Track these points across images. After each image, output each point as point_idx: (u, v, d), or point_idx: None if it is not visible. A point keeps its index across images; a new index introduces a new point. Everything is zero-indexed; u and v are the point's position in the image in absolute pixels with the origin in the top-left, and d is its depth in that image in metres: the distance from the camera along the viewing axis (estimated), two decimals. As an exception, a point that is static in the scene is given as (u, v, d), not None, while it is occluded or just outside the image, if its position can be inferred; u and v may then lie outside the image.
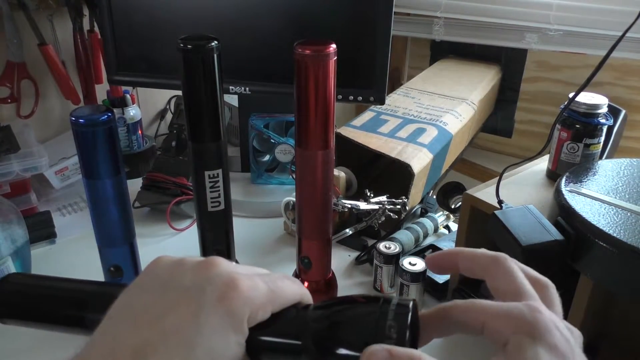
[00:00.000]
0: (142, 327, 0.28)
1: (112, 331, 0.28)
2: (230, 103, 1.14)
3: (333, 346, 0.30)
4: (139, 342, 0.27)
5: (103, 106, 0.60)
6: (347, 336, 0.29)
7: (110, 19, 0.87)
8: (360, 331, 0.29)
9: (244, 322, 0.29)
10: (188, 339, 0.27)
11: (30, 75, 0.99)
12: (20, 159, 0.86)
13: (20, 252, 0.73)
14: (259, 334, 0.30)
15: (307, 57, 0.56)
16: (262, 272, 0.32)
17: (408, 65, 1.41)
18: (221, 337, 0.28)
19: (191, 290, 0.29)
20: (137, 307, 0.29)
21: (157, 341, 0.27)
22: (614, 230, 0.52)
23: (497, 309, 0.29)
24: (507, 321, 0.28)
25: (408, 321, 0.29)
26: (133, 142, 1.09)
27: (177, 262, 0.31)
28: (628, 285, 0.52)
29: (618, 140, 0.93)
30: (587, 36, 1.08)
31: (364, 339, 0.28)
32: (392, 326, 0.28)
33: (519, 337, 0.27)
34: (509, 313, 0.29)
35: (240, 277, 0.29)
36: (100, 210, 0.62)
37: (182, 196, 0.91)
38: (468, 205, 0.68)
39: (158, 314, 0.28)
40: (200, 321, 0.27)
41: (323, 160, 0.61)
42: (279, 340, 0.31)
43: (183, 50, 0.55)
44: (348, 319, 0.30)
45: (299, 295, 0.32)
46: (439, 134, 0.92)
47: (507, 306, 0.29)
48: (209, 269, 0.30)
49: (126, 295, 0.30)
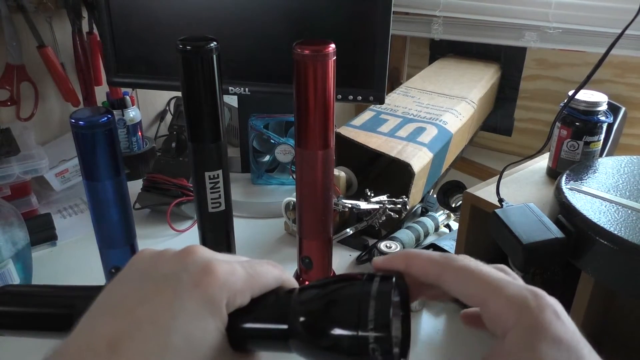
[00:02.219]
0: (118, 317, 0.27)
1: (89, 324, 0.28)
2: (230, 104, 1.14)
3: (323, 327, 0.29)
4: (114, 331, 0.27)
5: (103, 108, 0.60)
6: (337, 316, 0.29)
7: (109, 21, 0.87)
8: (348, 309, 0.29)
9: (222, 307, 0.28)
10: (164, 325, 0.27)
11: (29, 78, 0.99)
12: (21, 161, 0.86)
13: (21, 254, 0.73)
14: (241, 321, 0.30)
15: (307, 57, 0.56)
16: (243, 259, 0.32)
17: (407, 65, 1.40)
18: (198, 323, 0.27)
19: (168, 278, 0.29)
20: (115, 299, 0.29)
21: (133, 329, 0.27)
22: (615, 227, 0.52)
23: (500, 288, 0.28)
24: (511, 307, 0.28)
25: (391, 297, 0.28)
26: (133, 143, 1.09)
27: (158, 254, 0.31)
28: (629, 283, 0.52)
29: (618, 138, 0.93)
30: (587, 34, 1.08)
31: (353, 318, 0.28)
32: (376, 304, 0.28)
33: (522, 332, 0.27)
34: (512, 298, 0.28)
35: (217, 262, 0.29)
36: (101, 212, 0.62)
37: (183, 197, 0.91)
38: (468, 204, 0.68)
39: (135, 303, 0.28)
40: (175, 307, 0.27)
41: (323, 160, 0.61)
42: (264, 326, 0.31)
43: (182, 51, 0.55)
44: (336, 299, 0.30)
45: (279, 279, 0.32)
46: (439, 133, 0.92)
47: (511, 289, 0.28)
48: (187, 257, 0.30)
49: (107, 289, 0.30)
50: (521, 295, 0.28)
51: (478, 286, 0.29)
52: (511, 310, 0.28)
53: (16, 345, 0.67)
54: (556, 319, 0.27)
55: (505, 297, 0.28)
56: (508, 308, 0.28)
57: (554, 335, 0.26)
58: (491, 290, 0.29)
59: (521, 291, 0.28)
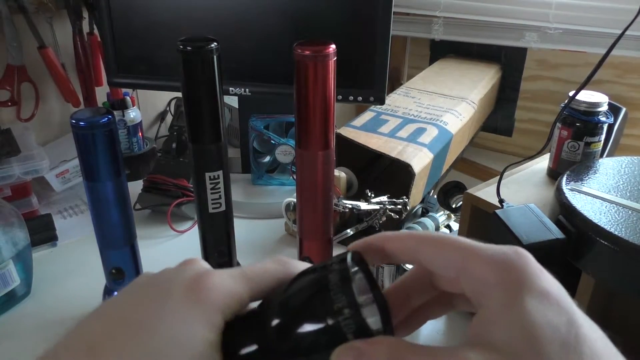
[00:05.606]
0: (106, 321, 0.27)
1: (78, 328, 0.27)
2: (230, 104, 1.14)
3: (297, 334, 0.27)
4: (98, 333, 0.26)
5: (103, 108, 0.60)
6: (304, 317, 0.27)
7: (110, 21, 0.87)
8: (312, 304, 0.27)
9: (215, 313, 0.27)
10: (149, 327, 0.26)
11: (30, 78, 0.99)
12: (21, 162, 0.87)
13: (22, 255, 0.73)
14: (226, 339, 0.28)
15: (307, 57, 0.56)
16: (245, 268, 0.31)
17: (408, 65, 1.40)
18: (187, 327, 0.26)
19: (163, 284, 0.28)
20: (108, 307, 0.28)
21: (117, 331, 0.26)
22: (615, 228, 0.52)
23: (479, 250, 0.26)
24: (492, 266, 0.25)
25: (349, 274, 0.26)
26: (133, 144, 1.09)
27: (159, 271, 0.30)
28: (629, 283, 0.52)
29: (619, 138, 0.93)
30: (587, 34, 1.08)
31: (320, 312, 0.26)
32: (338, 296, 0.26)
33: (506, 289, 0.25)
34: (493, 257, 0.26)
35: (213, 270, 0.29)
36: (101, 212, 0.62)
37: (183, 198, 0.91)
38: (469, 204, 0.68)
39: (126, 309, 0.27)
40: (165, 309, 0.26)
41: (323, 161, 0.61)
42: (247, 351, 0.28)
43: (183, 51, 0.55)
44: (296, 302, 0.28)
45: (279, 273, 0.30)
46: (439, 134, 0.92)
47: (491, 249, 0.26)
48: (185, 266, 0.29)
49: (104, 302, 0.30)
50: (501, 252, 0.26)
51: (456, 251, 0.27)
52: (492, 269, 0.25)
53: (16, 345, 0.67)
54: (541, 273, 0.25)
55: (485, 257, 0.26)
56: (489, 267, 0.25)
57: (540, 289, 0.24)
58: (470, 253, 0.26)
59: (501, 249, 0.26)
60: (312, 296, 0.27)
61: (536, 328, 0.23)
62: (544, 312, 0.24)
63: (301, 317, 0.27)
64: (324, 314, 0.26)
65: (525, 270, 0.25)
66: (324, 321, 0.26)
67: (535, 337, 0.23)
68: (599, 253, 0.53)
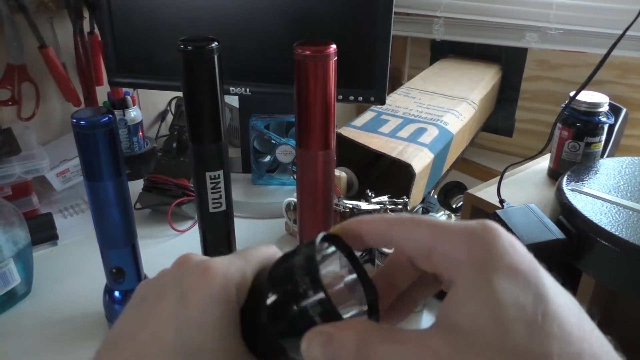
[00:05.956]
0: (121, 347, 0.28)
1: None
2: (231, 104, 1.14)
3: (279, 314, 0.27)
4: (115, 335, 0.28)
5: (104, 108, 0.60)
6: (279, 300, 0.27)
7: (110, 21, 0.88)
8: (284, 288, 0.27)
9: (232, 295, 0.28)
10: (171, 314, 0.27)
11: (30, 78, 0.99)
12: (22, 161, 0.87)
13: (22, 254, 0.73)
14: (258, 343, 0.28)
15: (308, 57, 0.56)
16: None
17: (408, 65, 1.40)
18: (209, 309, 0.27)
19: (168, 286, 0.29)
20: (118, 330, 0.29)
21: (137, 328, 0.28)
22: (616, 228, 0.52)
23: (448, 227, 0.25)
24: (460, 242, 0.24)
25: (314, 256, 0.25)
26: (134, 143, 1.09)
27: (154, 276, 0.32)
28: (630, 283, 0.52)
29: (619, 139, 0.93)
30: (588, 35, 1.08)
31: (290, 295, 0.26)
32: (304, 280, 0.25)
33: (473, 266, 0.24)
34: (461, 233, 0.25)
35: (212, 260, 0.29)
36: (102, 212, 0.62)
37: (184, 197, 0.91)
38: (469, 204, 0.68)
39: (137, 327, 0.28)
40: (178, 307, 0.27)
41: (324, 161, 0.61)
42: None
43: (183, 51, 0.55)
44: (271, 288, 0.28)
45: (270, 254, 0.32)
46: (440, 134, 0.92)
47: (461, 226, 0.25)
48: (183, 264, 0.30)
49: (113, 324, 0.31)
50: (470, 227, 0.25)
51: (426, 230, 0.26)
52: (461, 245, 0.24)
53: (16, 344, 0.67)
54: (510, 248, 0.24)
55: (454, 234, 0.25)
56: (458, 244, 0.24)
57: (509, 265, 0.23)
58: (439, 231, 0.26)
59: (469, 224, 0.25)
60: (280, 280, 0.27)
61: (502, 308, 0.22)
62: (510, 290, 0.22)
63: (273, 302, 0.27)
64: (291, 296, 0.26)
65: (494, 245, 0.24)
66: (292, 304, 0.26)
67: (501, 319, 0.22)
68: (600, 253, 0.53)
